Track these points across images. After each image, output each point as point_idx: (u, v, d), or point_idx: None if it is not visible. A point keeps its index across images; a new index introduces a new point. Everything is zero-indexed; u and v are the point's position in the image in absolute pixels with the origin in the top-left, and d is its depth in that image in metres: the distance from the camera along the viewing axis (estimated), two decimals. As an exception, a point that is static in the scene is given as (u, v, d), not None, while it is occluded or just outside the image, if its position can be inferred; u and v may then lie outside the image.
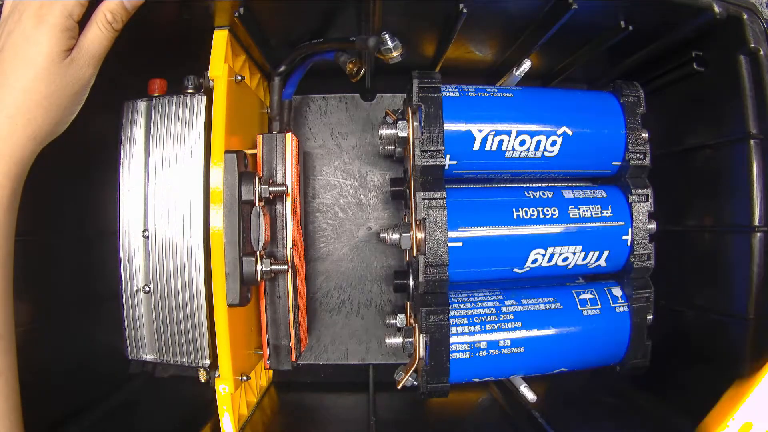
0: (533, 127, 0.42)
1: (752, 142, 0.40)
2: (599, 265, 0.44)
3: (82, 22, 0.33)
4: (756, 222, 0.39)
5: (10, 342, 0.32)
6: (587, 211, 0.43)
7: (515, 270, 0.43)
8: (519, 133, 0.42)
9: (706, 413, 0.37)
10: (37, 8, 0.32)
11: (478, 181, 0.45)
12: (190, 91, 0.42)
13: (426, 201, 0.40)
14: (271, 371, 0.56)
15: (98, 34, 0.34)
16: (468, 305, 0.43)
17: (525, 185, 0.47)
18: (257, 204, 0.40)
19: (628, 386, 0.45)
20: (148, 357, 0.42)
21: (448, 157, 0.41)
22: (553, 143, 0.43)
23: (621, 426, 0.43)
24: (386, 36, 0.40)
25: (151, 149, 0.41)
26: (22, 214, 0.34)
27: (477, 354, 0.42)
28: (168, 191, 0.40)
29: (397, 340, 0.45)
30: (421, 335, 0.41)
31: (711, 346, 0.45)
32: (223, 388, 0.40)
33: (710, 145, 0.45)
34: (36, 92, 0.32)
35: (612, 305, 0.44)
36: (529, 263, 0.43)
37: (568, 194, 0.44)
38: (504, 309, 0.43)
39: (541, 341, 0.43)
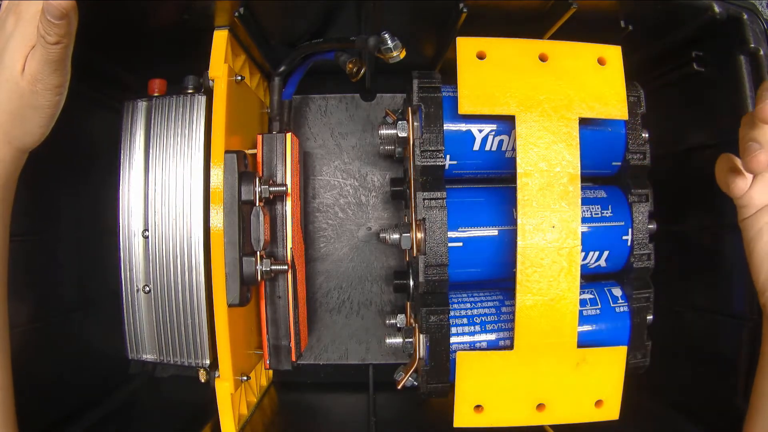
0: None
1: (752, 142, 0.40)
2: (599, 265, 0.44)
3: None
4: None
5: (3, 342, 0.32)
6: (587, 211, 0.42)
7: (516, 270, 0.43)
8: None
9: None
10: (15, 6, 0.31)
11: (478, 181, 0.45)
12: (190, 91, 0.42)
13: (426, 201, 0.40)
14: (271, 371, 0.56)
15: (39, 47, 0.29)
16: (468, 305, 0.43)
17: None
18: (257, 204, 0.40)
19: (628, 387, 0.45)
20: (148, 357, 0.42)
21: (448, 157, 0.41)
22: (553, 143, 0.42)
23: (620, 426, 0.43)
24: (386, 36, 0.40)
25: (152, 149, 0.41)
26: (23, 214, 0.34)
27: (477, 354, 0.42)
28: (168, 191, 0.40)
29: (397, 340, 0.45)
30: (421, 335, 0.41)
31: (711, 346, 0.45)
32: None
33: (710, 145, 0.45)
34: (3, 98, 0.31)
35: (612, 305, 0.44)
36: (529, 263, 0.43)
37: (568, 194, 0.44)
38: (504, 309, 0.43)
39: (541, 341, 0.42)
